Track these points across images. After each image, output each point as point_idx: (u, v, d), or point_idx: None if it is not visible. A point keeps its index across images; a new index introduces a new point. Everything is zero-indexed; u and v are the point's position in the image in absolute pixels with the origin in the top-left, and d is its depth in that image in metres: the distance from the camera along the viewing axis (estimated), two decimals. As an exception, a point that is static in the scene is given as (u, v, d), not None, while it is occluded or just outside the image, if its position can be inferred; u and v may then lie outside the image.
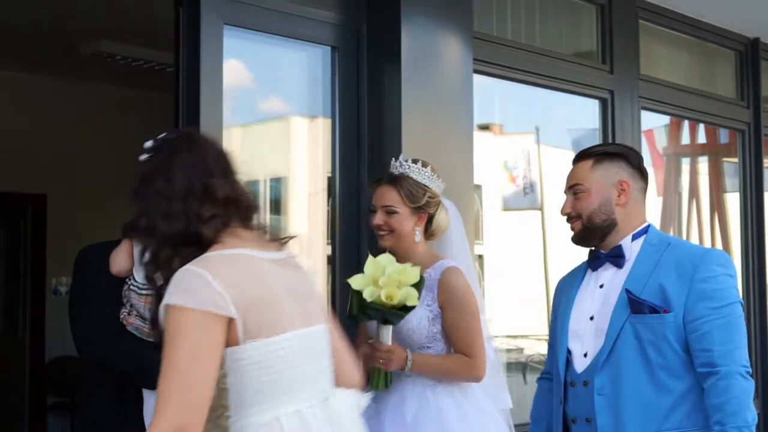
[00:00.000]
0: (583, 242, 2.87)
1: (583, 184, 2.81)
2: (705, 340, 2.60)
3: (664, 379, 2.65)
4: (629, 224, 2.81)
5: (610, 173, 2.81)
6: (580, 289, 2.87)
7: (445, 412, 3.16)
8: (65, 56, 6.99)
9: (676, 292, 2.64)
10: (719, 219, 6.99)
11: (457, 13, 4.56)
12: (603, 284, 2.79)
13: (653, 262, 2.71)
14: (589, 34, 5.82)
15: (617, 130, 5.72)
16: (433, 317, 3.20)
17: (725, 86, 6.89)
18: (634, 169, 2.85)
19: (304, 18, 4.25)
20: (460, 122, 4.52)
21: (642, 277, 2.70)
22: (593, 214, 2.79)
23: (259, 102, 4.56)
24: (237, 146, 4.33)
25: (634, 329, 2.65)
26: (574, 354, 2.81)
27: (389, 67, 4.33)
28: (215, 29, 3.91)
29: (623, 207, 2.80)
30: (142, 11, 5.66)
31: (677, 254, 2.72)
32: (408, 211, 3.26)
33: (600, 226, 2.79)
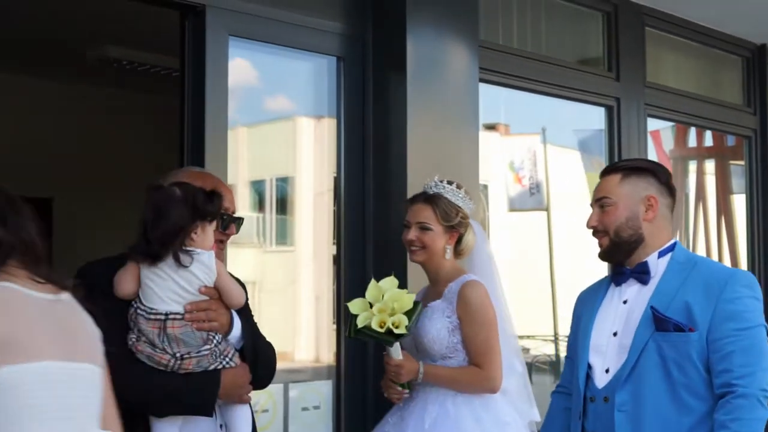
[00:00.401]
0: (610, 258, 2.85)
1: (610, 198, 2.79)
2: (726, 361, 2.57)
3: (686, 399, 2.62)
4: (656, 241, 2.78)
5: (638, 188, 2.79)
6: (602, 304, 2.84)
7: (462, 421, 3.24)
8: (72, 61, 7.00)
9: (702, 311, 2.61)
10: (726, 221, 6.98)
11: (462, 23, 4.56)
12: (627, 300, 2.77)
13: (680, 280, 2.68)
14: (595, 42, 5.81)
15: (623, 137, 5.72)
16: (453, 328, 3.28)
17: (732, 93, 6.87)
18: (662, 185, 2.83)
19: (310, 29, 4.26)
20: (466, 131, 4.52)
21: (668, 294, 2.67)
22: (620, 229, 2.77)
23: (266, 110, 4.56)
24: (244, 150, 4.35)
25: (657, 347, 2.63)
26: (594, 369, 2.78)
27: (395, 77, 4.34)
28: (220, 41, 3.93)
29: (650, 222, 2.78)
30: (148, 16, 5.65)
31: (704, 273, 2.69)
32: (441, 230, 3.37)
33: (627, 241, 2.77)
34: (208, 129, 3.85)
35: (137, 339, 2.60)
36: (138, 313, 2.60)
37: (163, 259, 2.58)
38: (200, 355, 2.61)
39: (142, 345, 2.58)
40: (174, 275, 2.59)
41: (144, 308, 2.60)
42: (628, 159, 3.01)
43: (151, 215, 2.60)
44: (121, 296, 2.63)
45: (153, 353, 2.58)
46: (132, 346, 2.59)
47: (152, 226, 2.58)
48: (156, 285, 2.59)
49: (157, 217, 2.59)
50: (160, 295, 2.60)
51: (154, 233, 2.58)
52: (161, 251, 2.57)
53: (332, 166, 4.43)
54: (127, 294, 2.62)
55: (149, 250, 2.57)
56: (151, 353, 2.58)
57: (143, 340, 2.59)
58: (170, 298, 2.60)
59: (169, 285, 2.60)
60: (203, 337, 2.63)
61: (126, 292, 2.62)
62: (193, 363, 2.60)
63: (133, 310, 2.62)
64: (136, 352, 2.59)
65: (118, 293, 2.62)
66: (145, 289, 2.60)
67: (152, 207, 2.62)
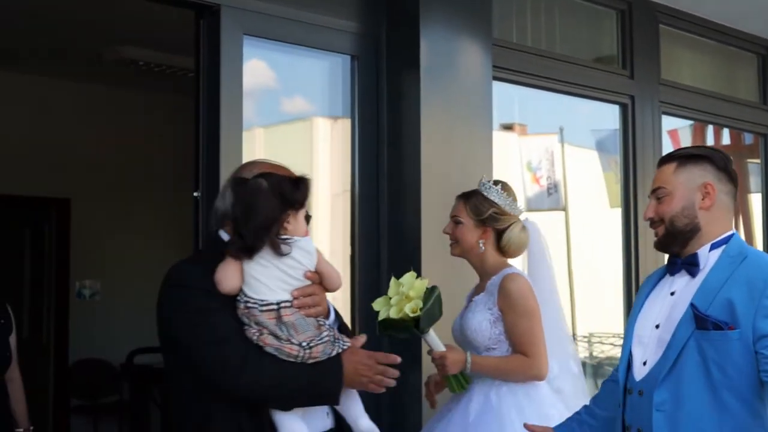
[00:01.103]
0: (666, 248, 2.74)
1: (665, 188, 2.70)
2: None
3: (728, 400, 2.52)
4: (713, 231, 2.67)
5: (694, 176, 2.69)
6: (653, 293, 2.77)
7: (504, 412, 3.33)
8: (88, 62, 7.04)
9: (745, 309, 2.49)
10: (743, 219, 6.96)
11: (476, 21, 4.57)
12: (674, 291, 2.68)
13: (726, 276, 2.58)
14: (609, 40, 5.81)
15: (638, 134, 5.72)
16: (494, 320, 3.40)
17: (747, 90, 6.85)
18: (720, 171, 2.72)
19: (324, 27, 4.28)
20: (480, 130, 4.53)
21: (712, 290, 2.57)
22: (675, 218, 2.67)
23: (281, 109, 4.58)
24: (260, 150, 4.37)
25: (698, 345, 2.53)
26: (635, 360, 2.71)
27: (408, 76, 4.35)
28: (235, 40, 3.95)
29: (708, 211, 2.67)
30: (164, 17, 5.68)
31: (751, 269, 2.57)
32: (472, 224, 3.49)
33: (682, 231, 2.67)
34: (224, 128, 3.88)
35: (261, 333, 2.53)
36: (249, 306, 2.54)
37: (258, 251, 2.54)
38: (323, 341, 2.57)
39: (269, 338, 2.52)
40: (277, 263, 2.55)
41: (255, 300, 2.54)
42: (685, 147, 2.88)
43: (241, 210, 2.56)
44: (226, 292, 2.55)
45: (281, 345, 2.52)
46: (258, 340, 2.52)
47: (244, 221, 2.55)
48: (262, 275, 2.55)
49: (247, 212, 2.55)
50: (268, 285, 2.55)
51: (247, 228, 2.54)
52: (256, 244, 2.54)
53: (347, 166, 4.45)
54: (233, 289, 2.56)
55: (244, 245, 2.53)
56: (279, 346, 2.52)
57: (266, 333, 2.53)
58: (277, 286, 2.56)
59: (273, 273, 2.56)
60: (314, 323, 2.59)
61: (232, 287, 2.55)
62: (320, 350, 2.55)
63: (243, 305, 2.55)
64: (264, 346, 2.52)
65: (225, 290, 2.55)
66: (252, 282, 2.55)
67: (241, 202, 2.57)
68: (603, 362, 6.09)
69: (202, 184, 3.93)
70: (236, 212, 2.57)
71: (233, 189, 2.62)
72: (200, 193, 3.92)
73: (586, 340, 6.15)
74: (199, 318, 2.53)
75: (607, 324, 5.77)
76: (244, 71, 4.00)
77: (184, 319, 2.54)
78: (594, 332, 6.09)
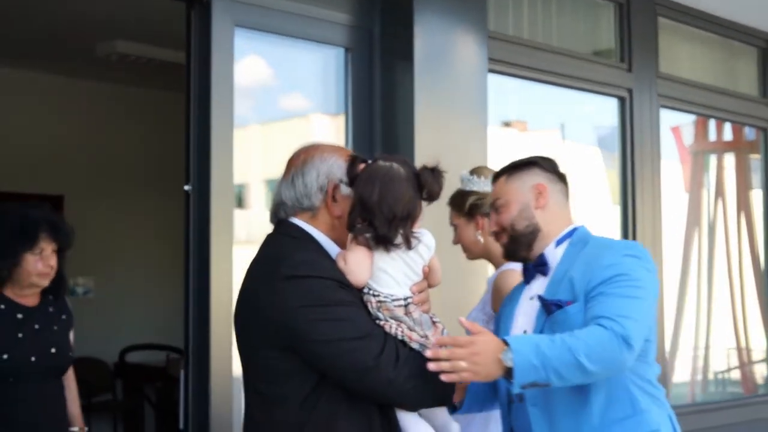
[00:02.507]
0: (514, 254, 2.77)
1: (501, 198, 2.77)
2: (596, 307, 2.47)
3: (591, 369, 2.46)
4: (554, 229, 2.74)
5: (525, 181, 2.76)
6: (518, 304, 2.79)
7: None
8: (81, 57, 6.99)
9: (581, 281, 2.55)
10: (746, 215, 6.92)
11: (471, 13, 4.52)
12: (533, 296, 2.71)
13: (570, 263, 2.63)
14: (607, 32, 5.76)
15: (636, 128, 5.67)
16: (487, 320, 3.24)
17: (748, 84, 6.79)
18: (548, 172, 2.81)
19: (317, 19, 4.23)
20: (474, 122, 4.48)
21: (559, 279, 2.63)
22: (515, 222, 2.72)
23: (274, 102, 4.53)
24: (251, 145, 4.32)
25: (551, 331, 2.52)
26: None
27: (402, 68, 4.30)
28: (226, 31, 3.90)
29: (543, 210, 2.75)
30: (157, 11, 5.64)
31: (590, 249, 2.63)
32: (463, 222, 3.35)
33: (524, 233, 2.72)
34: (214, 121, 3.82)
35: (401, 328, 2.39)
36: (381, 301, 2.40)
37: (394, 243, 2.39)
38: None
39: (413, 334, 2.40)
40: (404, 256, 2.42)
41: (385, 295, 2.40)
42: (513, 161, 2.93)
43: (377, 196, 2.37)
44: (357, 284, 2.40)
45: (423, 341, 2.39)
46: (404, 336, 2.38)
47: (378, 207, 2.37)
48: (391, 269, 2.41)
49: (385, 200, 2.37)
50: (397, 280, 2.42)
51: (384, 216, 2.37)
52: (393, 235, 2.38)
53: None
54: (365, 281, 2.41)
55: (382, 235, 2.37)
56: (422, 341, 2.39)
57: (405, 327, 2.39)
58: (403, 281, 2.43)
59: (400, 267, 2.42)
60: (428, 319, 2.48)
61: (365, 279, 2.41)
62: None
63: (374, 300, 2.40)
64: (410, 342, 2.38)
65: (358, 281, 2.39)
66: (380, 276, 2.41)
67: (378, 187, 2.38)
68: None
69: (193, 178, 3.87)
70: (370, 198, 2.37)
71: (364, 171, 2.41)
72: (191, 187, 3.86)
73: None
74: (338, 311, 2.32)
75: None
76: (236, 64, 3.94)
77: (319, 312, 2.31)
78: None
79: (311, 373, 2.34)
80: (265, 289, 2.35)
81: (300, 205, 2.47)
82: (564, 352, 2.33)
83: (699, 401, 6.59)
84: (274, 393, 2.37)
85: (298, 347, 2.32)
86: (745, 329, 6.87)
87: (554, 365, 2.32)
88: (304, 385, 2.35)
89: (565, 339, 2.36)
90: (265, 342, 2.36)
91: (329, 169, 2.48)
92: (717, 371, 6.99)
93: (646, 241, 5.62)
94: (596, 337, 2.38)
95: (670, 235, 6.10)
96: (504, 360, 2.30)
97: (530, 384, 2.33)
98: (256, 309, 2.38)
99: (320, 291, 2.32)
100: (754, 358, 6.95)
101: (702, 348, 6.72)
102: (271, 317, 2.34)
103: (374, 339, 2.33)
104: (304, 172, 2.48)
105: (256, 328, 2.38)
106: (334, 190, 2.46)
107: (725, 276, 6.81)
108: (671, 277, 6.24)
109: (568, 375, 2.34)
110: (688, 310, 6.52)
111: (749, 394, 6.87)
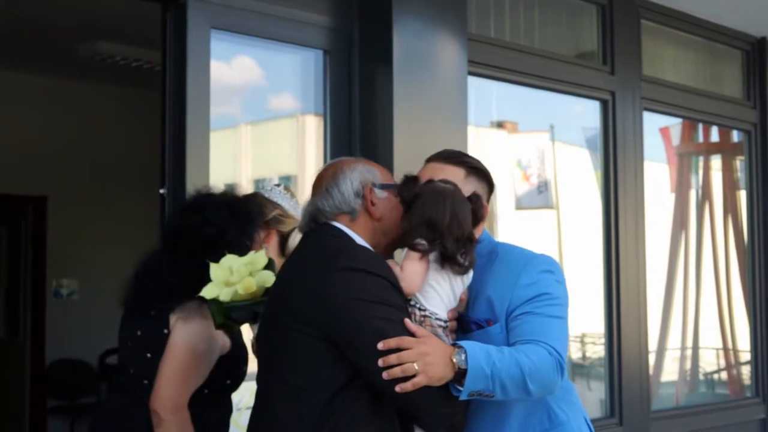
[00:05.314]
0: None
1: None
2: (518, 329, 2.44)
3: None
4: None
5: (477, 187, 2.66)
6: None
7: None
8: (64, 58, 6.96)
9: (500, 303, 2.50)
10: (732, 217, 6.90)
11: (450, 15, 4.49)
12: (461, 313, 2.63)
13: (484, 278, 2.56)
14: (589, 35, 5.74)
15: (618, 131, 5.65)
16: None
17: (731, 86, 6.78)
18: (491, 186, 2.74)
19: (295, 21, 4.20)
20: (454, 125, 4.45)
21: (475, 297, 2.56)
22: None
23: (252, 104, 4.50)
24: (229, 148, 4.29)
25: None
26: None
27: (381, 70, 4.27)
28: (202, 33, 3.87)
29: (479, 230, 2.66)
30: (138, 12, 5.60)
31: (504, 262, 2.57)
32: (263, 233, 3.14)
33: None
34: (190, 124, 3.79)
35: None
36: (426, 316, 2.40)
37: (460, 263, 2.42)
38: None
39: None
40: (451, 280, 2.44)
41: (430, 312, 2.41)
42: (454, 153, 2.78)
43: (449, 218, 2.41)
44: (409, 293, 2.40)
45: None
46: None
47: (449, 228, 2.40)
48: (441, 288, 2.42)
49: (454, 220, 2.42)
50: (444, 300, 2.43)
51: (454, 237, 2.40)
52: (457, 256, 2.41)
53: (319, 163, 4.36)
54: (415, 291, 2.41)
55: (449, 253, 2.40)
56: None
57: None
58: (445, 304, 2.44)
59: (447, 290, 2.44)
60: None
61: (416, 290, 2.41)
62: None
63: (418, 312, 2.41)
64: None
65: (410, 290, 2.40)
66: (429, 292, 2.41)
67: (449, 208, 2.43)
68: (595, 363, 6.03)
69: (168, 181, 3.84)
70: (441, 220, 2.41)
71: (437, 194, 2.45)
72: (166, 190, 3.83)
73: (579, 341, 6.09)
74: (390, 312, 2.32)
75: (599, 324, 5.70)
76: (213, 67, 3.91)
77: (372, 308, 2.30)
78: (586, 333, 6.03)
79: (343, 370, 2.32)
80: (320, 278, 2.33)
81: (340, 210, 2.49)
82: (512, 366, 2.29)
83: (686, 404, 6.58)
84: (302, 384, 2.34)
85: (341, 338, 2.31)
86: (732, 331, 6.86)
87: (502, 377, 2.28)
88: (334, 381, 2.33)
89: (512, 352, 2.32)
90: (306, 329, 2.33)
91: (360, 174, 2.53)
92: (704, 373, 6.98)
93: (629, 244, 5.61)
94: (540, 357, 2.35)
95: (656, 236, 6.09)
96: (458, 362, 2.25)
97: (477, 393, 2.28)
98: (303, 296, 2.36)
99: (377, 288, 2.33)
100: (741, 360, 6.94)
101: (689, 349, 6.71)
102: (321, 304, 2.31)
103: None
104: (337, 182, 2.52)
105: (299, 315, 2.35)
106: (370, 194, 2.50)
107: (712, 277, 6.80)
108: (657, 279, 6.23)
109: (510, 389, 2.30)
110: (675, 311, 6.51)
111: (736, 397, 6.86)
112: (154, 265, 3.02)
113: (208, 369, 2.95)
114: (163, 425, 2.84)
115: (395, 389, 2.24)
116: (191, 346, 2.89)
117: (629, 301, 5.60)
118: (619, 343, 5.55)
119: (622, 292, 5.57)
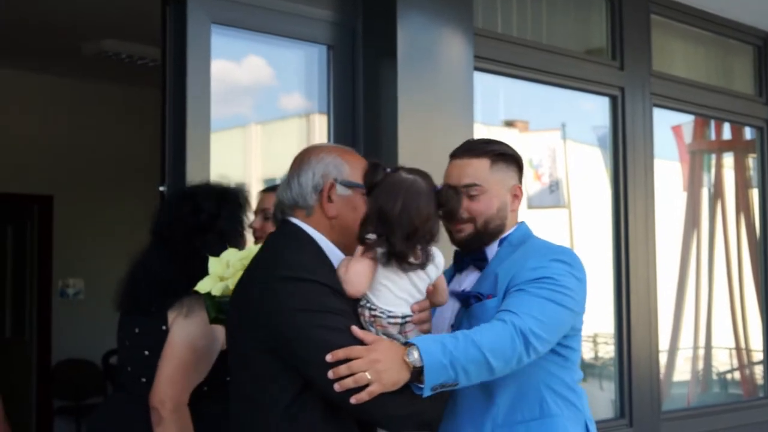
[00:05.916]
0: (468, 248, 2.63)
1: (481, 185, 2.58)
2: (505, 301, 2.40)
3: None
4: (508, 229, 2.64)
5: (506, 176, 2.63)
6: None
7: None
8: (68, 56, 6.94)
9: (504, 277, 2.46)
10: (745, 215, 6.84)
11: (456, 10, 4.43)
12: (465, 289, 2.60)
13: (501, 261, 2.54)
14: (598, 30, 5.67)
15: (628, 127, 5.58)
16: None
17: (743, 82, 6.70)
18: (521, 171, 2.69)
19: (298, 16, 4.15)
20: (460, 121, 4.39)
21: (486, 276, 2.53)
22: (490, 219, 2.59)
23: (254, 101, 4.45)
24: (231, 145, 4.23)
25: (469, 324, 2.44)
26: None
27: (385, 66, 4.22)
28: (202, 28, 3.82)
29: (514, 213, 2.66)
30: (142, 9, 5.57)
31: (524, 249, 2.55)
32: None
33: (492, 232, 2.60)
34: (190, 121, 3.74)
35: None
36: (376, 315, 2.28)
37: (408, 260, 2.27)
38: None
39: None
40: (411, 275, 2.30)
41: (382, 310, 2.28)
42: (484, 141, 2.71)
43: (399, 210, 2.26)
44: (354, 295, 2.28)
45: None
46: None
47: (398, 222, 2.26)
48: (394, 285, 2.29)
49: (404, 213, 2.27)
50: (399, 296, 2.30)
51: (401, 231, 2.26)
52: (408, 253, 2.27)
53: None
54: (360, 294, 2.29)
55: (397, 249, 2.25)
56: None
57: None
58: (404, 299, 2.31)
59: (404, 285, 2.30)
60: None
61: (361, 292, 2.28)
62: None
63: (368, 313, 2.29)
64: None
65: (354, 292, 2.28)
66: (380, 290, 2.29)
67: (401, 200, 2.28)
68: (606, 363, 5.96)
69: (168, 178, 3.79)
70: (388, 209, 2.27)
71: (382, 182, 2.31)
72: (166, 188, 3.79)
73: (591, 340, 6.02)
74: (330, 319, 2.21)
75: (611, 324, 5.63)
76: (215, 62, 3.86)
77: (311, 317, 2.20)
78: (599, 333, 5.96)
79: (294, 380, 2.24)
80: (260, 288, 2.27)
81: (296, 204, 2.39)
82: (469, 347, 2.21)
83: (698, 404, 6.51)
84: (258, 397, 2.28)
85: (284, 350, 2.22)
86: (745, 330, 6.79)
87: (462, 362, 2.20)
88: (286, 392, 2.25)
89: (467, 334, 2.24)
90: (254, 342, 2.26)
91: (325, 168, 2.39)
92: (717, 373, 6.91)
93: (639, 242, 5.53)
94: (495, 330, 2.27)
95: (669, 235, 6.02)
96: (411, 361, 2.17)
97: (440, 386, 2.20)
98: (248, 308, 2.29)
99: (315, 296, 2.23)
100: (753, 360, 6.87)
101: (701, 349, 6.64)
102: (262, 316, 2.24)
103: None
104: (300, 172, 2.41)
105: (248, 328, 2.29)
106: (329, 190, 2.38)
107: (724, 276, 6.73)
108: (668, 277, 6.16)
109: (474, 372, 2.23)
110: (687, 310, 6.44)
111: (749, 397, 6.78)
112: (146, 262, 2.98)
113: (207, 366, 2.92)
114: (163, 423, 2.80)
115: (351, 401, 2.15)
116: (191, 343, 2.86)
117: (639, 300, 5.53)
118: (629, 343, 5.48)
119: (632, 292, 5.50)
